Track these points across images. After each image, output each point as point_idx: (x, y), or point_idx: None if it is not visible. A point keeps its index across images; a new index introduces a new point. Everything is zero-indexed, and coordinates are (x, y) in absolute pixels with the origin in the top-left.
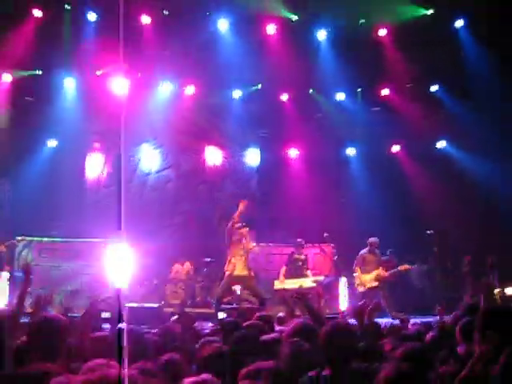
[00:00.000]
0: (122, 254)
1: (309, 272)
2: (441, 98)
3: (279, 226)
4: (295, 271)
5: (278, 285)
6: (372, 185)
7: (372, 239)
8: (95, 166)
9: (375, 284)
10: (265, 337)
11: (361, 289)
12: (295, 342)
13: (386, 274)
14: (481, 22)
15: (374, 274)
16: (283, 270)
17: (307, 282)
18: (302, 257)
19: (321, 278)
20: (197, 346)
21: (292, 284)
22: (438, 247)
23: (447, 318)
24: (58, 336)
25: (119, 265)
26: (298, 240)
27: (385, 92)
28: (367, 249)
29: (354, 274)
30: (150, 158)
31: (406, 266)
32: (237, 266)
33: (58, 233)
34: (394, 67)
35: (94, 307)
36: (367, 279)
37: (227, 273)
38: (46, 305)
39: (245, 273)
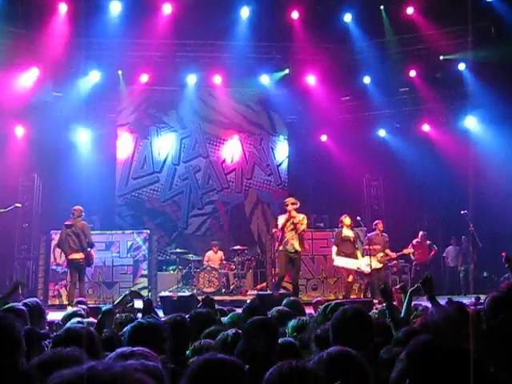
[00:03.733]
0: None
1: (358, 253)
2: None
3: (310, 212)
4: (347, 251)
5: (337, 262)
6: (404, 165)
7: (378, 221)
8: (124, 158)
9: (380, 266)
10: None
11: (367, 269)
12: None
13: (393, 255)
14: None
15: (379, 255)
16: (334, 249)
17: (362, 265)
18: (351, 233)
19: (379, 264)
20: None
21: (348, 263)
22: (473, 227)
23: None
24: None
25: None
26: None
27: (412, 73)
28: (375, 231)
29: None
30: (178, 148)
31: (410, 250)
32: (292, 242)
33: (92, 226)
34: (422, 45)
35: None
36: (373, 261)
37: (281, 249)
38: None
39: (299, 249)
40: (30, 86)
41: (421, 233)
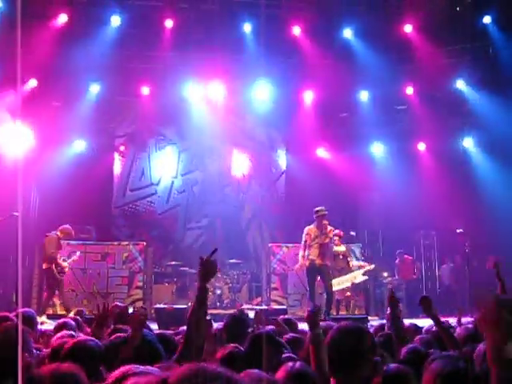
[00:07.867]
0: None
1: (354, 262)
2: (466, 94)
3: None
4: (338, 267)
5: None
6: (399, 183)
7: None
8: (121, 169)
9: None
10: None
11: (364, 278)
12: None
13: None
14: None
15: None
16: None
17: (358, 276)
18: (342, 248)
19: (371, 266)
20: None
21: (342, 282)
22: (469, 246)
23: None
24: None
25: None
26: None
27: (409, 91)
28: None
29: None
30: (176, 161)
31: None
32: (315, 254)
33: (88, 236)
34: (420, 63)
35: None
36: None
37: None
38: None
39: (324, 263)
40: (29, 95)
41: (397, 252)
